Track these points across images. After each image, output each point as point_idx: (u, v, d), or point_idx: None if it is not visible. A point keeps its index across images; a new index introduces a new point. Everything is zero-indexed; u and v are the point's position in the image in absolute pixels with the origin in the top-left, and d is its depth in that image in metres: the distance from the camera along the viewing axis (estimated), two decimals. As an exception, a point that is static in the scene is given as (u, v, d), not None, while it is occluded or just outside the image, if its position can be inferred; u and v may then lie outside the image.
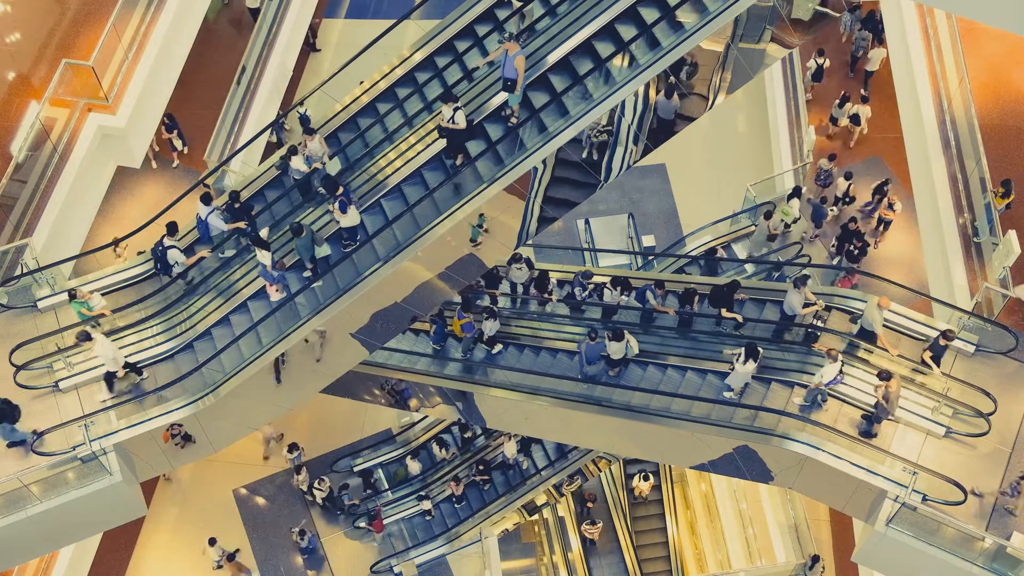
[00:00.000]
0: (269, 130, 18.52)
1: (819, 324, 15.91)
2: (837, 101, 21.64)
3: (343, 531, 21.73)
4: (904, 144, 19.75)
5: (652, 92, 14.12)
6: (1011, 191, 16.52)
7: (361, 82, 15.84)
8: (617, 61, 13.83)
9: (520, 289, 18.09)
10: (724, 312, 16.24)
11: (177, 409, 15.20)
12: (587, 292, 17.70)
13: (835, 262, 20.26)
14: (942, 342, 14.91)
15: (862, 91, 21.97)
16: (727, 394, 15.52)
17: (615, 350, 15.86)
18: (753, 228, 21.04)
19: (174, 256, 15.83)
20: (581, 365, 16.39)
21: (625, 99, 13.66)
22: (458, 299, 17.28)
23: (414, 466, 22.18)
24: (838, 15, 13.96)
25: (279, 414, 17.05)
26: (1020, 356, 15.25)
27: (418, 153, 15.04)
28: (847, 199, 20.75)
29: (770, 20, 13.55)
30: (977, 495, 14.02)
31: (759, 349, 14.94)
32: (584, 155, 14.22)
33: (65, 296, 16.33)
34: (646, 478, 22.19)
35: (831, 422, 14.99)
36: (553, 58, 14.17)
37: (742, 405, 15.44)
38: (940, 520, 13.82)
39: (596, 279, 18.00)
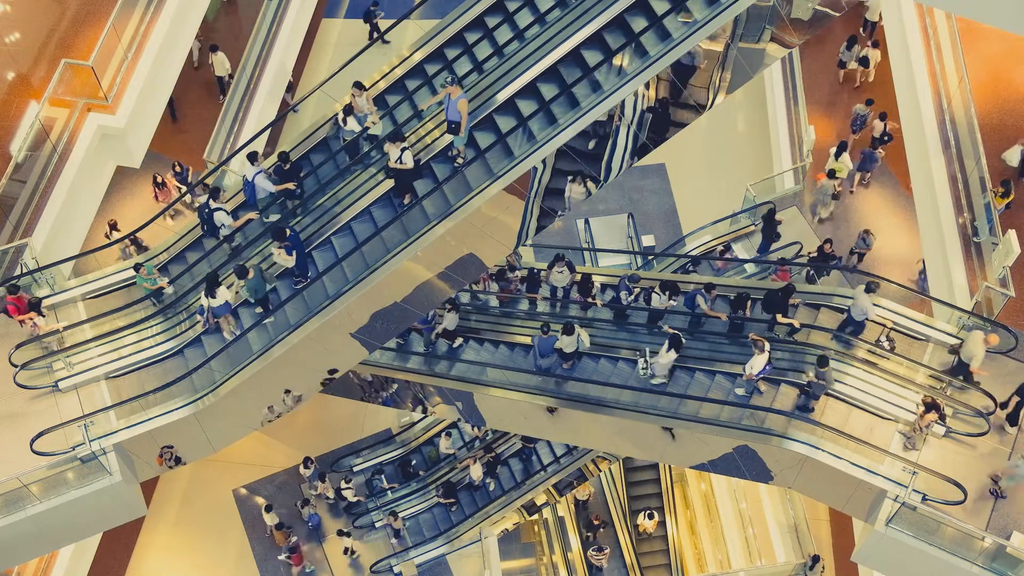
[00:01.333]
0: (268, 130, 18.51)
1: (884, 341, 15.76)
2: (845, 44, 22.02)
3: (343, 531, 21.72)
4: (904, 143, 19.75)
5: (652, 92, 14.14)
6: (1011, 191, 16.52)
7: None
8: (617, 60, 13.83)
9: (561, 293, 17.55)
10: (780, 317, 15.72)
11: (177, 409, 15.21)
12: (633, 296, 17.04)
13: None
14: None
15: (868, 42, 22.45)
16: (654, 380, 15.94)
17: (567, 344, 15.96)
18: (753, 228, 21.05)
19: (220, 218, 15.33)
20: (535, 358, 16.47)
21: (625, 99, 13.68)
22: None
23: (445, 443, 22.07)
24: (837, 15, 13.94)
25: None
26: (1020, 356, 15.25)
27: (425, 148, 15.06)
28: (885, 138, 20.83)
29: (770, 20, 13.55)
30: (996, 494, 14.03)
31: (683, 340, 15.53)
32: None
33: (64, 296, 16.37)
34: (651, 516, 22.22)
35: (832, 423, 14.99)
36: (551, 59, 14.18)
37: (742, 405, 15.45)
38: (940, 520, 13.82)
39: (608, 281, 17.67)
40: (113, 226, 20.02)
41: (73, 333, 15.96)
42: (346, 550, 20.62)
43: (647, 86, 13.93)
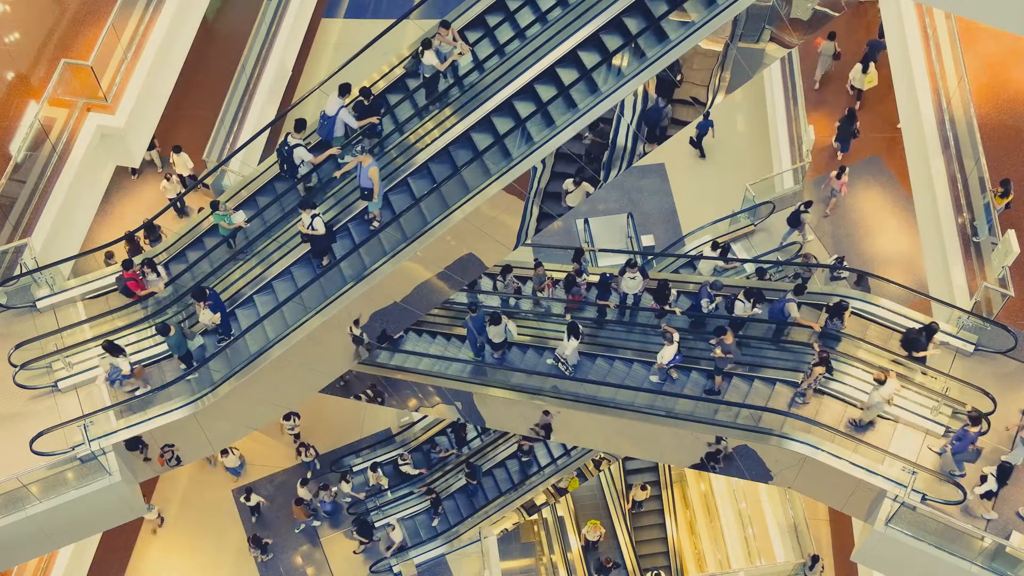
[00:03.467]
0: (268, 130, 18.51)
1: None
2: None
3: (343, 531, 21.72)
4: (903, 144, 19.75)
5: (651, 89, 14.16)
6: (1010, 191, 16.52)
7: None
8: (617, 60, 13.84)
9: (631, 300, 16.96)
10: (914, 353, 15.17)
11: (177, 409, 15.20)
12: (714, 304, 16.33)
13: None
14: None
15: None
16: (561, 366, 16.25)
17: (494, 334, 16.05)
18: (752, 228, 21.05)
19: (300, 155, 15.00)
20: (473, 341, 16.57)
21: (624, 99, 13.68)
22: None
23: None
24: (837, 15, 13.95)
25: (279, 414, 17.06)
26: (1019, 356, 15.25)
27: (426, 146, 15.06)
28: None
29: (769, 20, 13.55)
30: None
31: (580, 327, 15.86)
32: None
33: (64, 296, 16.37)
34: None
35: (830, 422, 15.00)
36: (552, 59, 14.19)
37: (741, 405, 15.46)
38: (939, 520, 13.83)
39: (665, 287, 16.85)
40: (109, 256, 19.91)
41: (73, 333, 15.96)
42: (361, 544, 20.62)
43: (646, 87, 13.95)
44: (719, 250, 19.37)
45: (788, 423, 15.09)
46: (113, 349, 14.64)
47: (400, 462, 21.86)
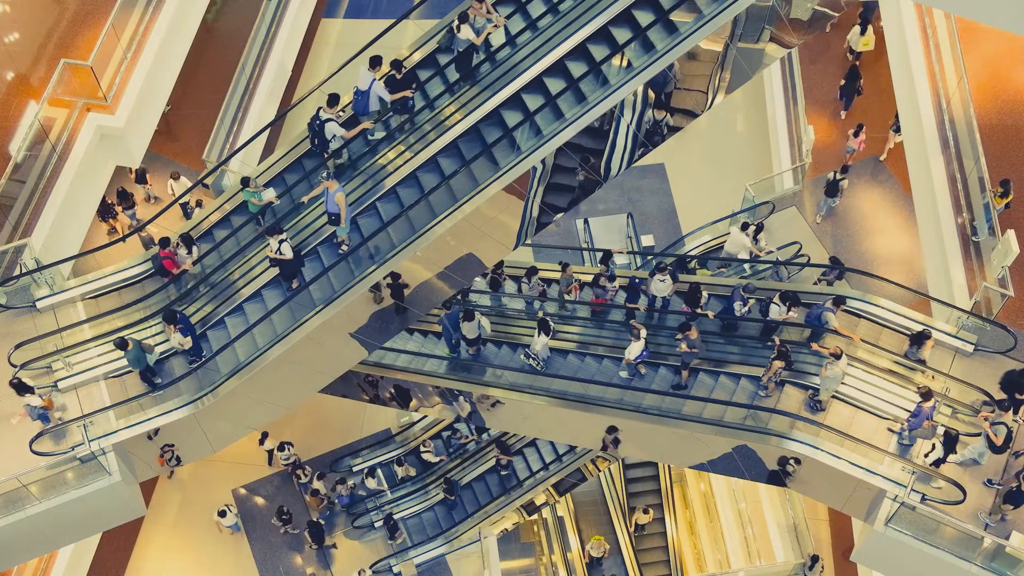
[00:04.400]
0: (267, 130, 18.52)
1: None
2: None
3: (343, 531, 21.73)
4: (903, 144, 19.76)
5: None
6: (1010, 191, 16.53)
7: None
8: (615, 61, 13.84)
9: (660, 303, 16.69)
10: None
11: (176, 409, 15.21)
12: (747, 307, 16.06)
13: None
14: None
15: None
16: (532, 362, 16.42)
17: (468, 330, 16.13)
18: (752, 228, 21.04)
19: (332, 129, 14.84)
20: (448, 337, 16.67)
21: (624, 99, 13.67)
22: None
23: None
24: (836, 15, 13.95)
25: (278, 414, 17.04)
26: (1019, 356, 15.25)
27: (416, 153, 15.06)
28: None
29: (769, 20, 13.55)
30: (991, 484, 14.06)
31: (550, 324, 16.12)
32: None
33: (64, 296, 16.36)
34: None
35: (831, 423, 15.00)
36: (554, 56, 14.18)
37: (741, 405, 15.46)
38: (939, 520, 13.83)
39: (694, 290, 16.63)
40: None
41: (72, 333, 15.96)
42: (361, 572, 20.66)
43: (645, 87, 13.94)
44: (750, 228, 19.39)
45: (789, 423, 15.09)
46: (20, 388, 14.47)
47: (422, 449, 21.88)
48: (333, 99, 14.88)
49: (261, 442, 21.59)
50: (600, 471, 22.03)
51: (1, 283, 16.08)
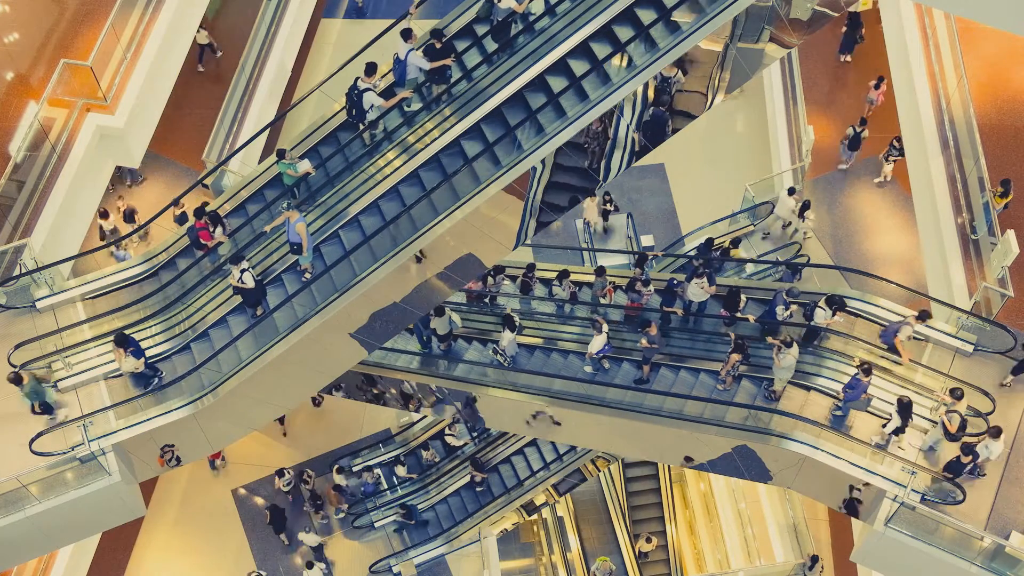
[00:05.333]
0: (267, 130, 18.52)
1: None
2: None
3: (342, 531, 21.73)
4: (903, 144, 19.76)
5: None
6: (1010, 191, 16.53)
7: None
8: (616, 60, 13.82)
9: (695, 308, 16.41)
10: None
11: (176, 409, 15.20)
12: (789, 312, 15.76)
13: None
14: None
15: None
16: (499, 358, 16.58)
17: (438, 325, 16.17)
18: (752, 228, 21.05)
19: (370, 99, 14.55)
20: (419, 333, 16.82)
21: (623, 99, 13.65)
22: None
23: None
24: (836, 15, 13.94)
25: (278, 414, 17.06)
26: (1019, 356, 15.24)
27: (417, 152, 15.04)
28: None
29: (769, 20, 13.54)
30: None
31: (515, 320, 16.29)
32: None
33: (64, 296, 16.34)
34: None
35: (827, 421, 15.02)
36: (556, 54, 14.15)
37: (740, 405, 15.46)
38: (939, 520, 13.83)
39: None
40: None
41: (72, 333, 15.95)
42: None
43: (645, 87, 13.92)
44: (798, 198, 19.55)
45: (788, 423, 15.10)
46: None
47: (447, 432, 21.92)
48: (371, 68, 14.56)
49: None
50: (600, 471, 22.04)
51: (1, 283, 16.07)
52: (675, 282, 16.67)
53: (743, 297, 16.36)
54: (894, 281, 17.45)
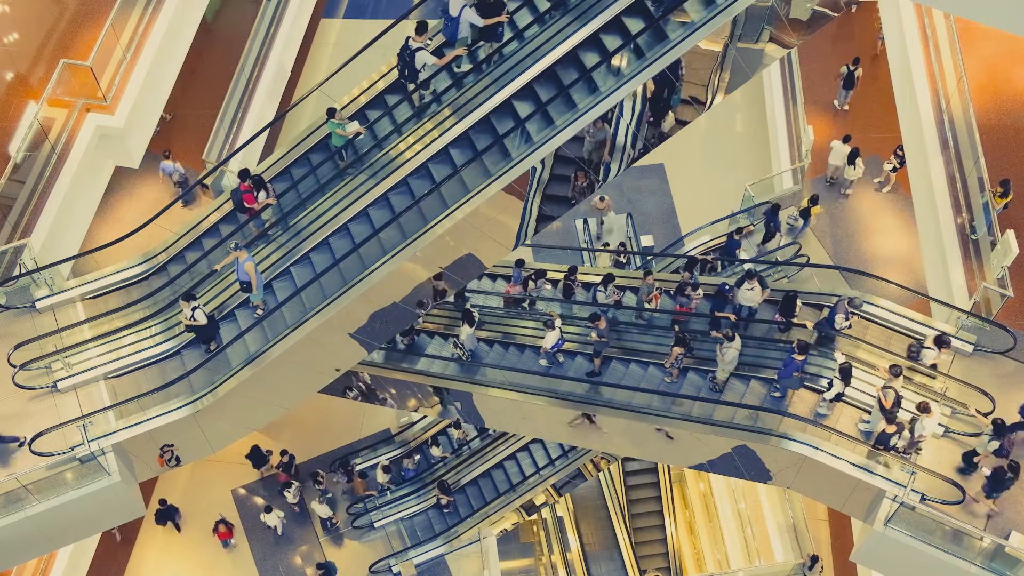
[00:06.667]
0: (267, 130, 18.52)
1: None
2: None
3: (342, 531, 21.73)
4: (902, 144, 19.77)
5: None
6: (1009, 191, 16.54)
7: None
8: (616, 60, 13.82)
9: (745, 312, 16.04)
10: None
11: (176, 409, 15.21)
12: (849, 322, 15.57)
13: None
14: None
15: None
16: (459, 352, 16.81)
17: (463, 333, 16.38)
18: (752, 228, 21.05)
19: (423, 58, 14.23)
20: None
21: (623, 100, 13.66)
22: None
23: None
24: (836, 15, 13.94)
25: (278, 414, 17.06)
26: (1018, 356, 15.26)
27: (416, 153, 15.05)
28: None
29: (768, 20, 13.54)
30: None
31: (474, 315, 16.61)
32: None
33: (63, 296, 16.36)
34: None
35: (830, 422, 15.00)
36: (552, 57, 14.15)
37: (739, 405, 15.45)
38: (938, 520, 13.83)
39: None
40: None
41: (72, 333, 15.96)
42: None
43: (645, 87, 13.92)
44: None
45: (788, 423, 15.10)
46: None
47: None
48: (421, 26, 14.30)
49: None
50: (600, 471, 22.05)
51: (1, 283, 16.08)
52: (727, 287, 16.37)
53: (798, 302, 15.90)
54: (894, 281, 17.46)
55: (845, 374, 14.53)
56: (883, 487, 14.24)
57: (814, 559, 20.60)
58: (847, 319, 15.60)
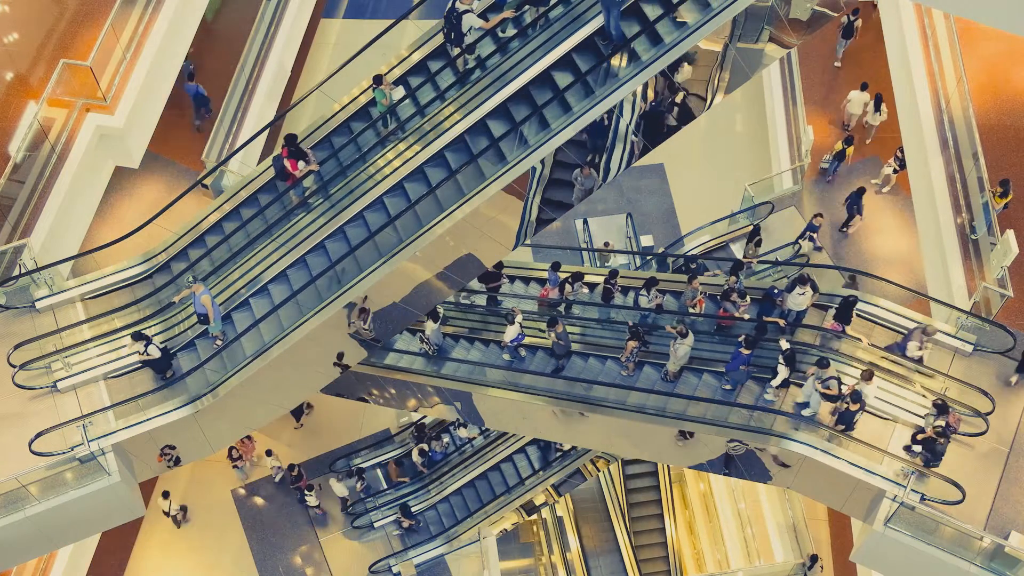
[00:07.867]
0: (267, 130, 18.51)
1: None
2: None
3: (341, 531, 21.73)
4: (902, 144, 19.76)
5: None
6: (1009, 191, 16.54)
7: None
8: (616, 60, 13.83)
9: (792, 317, 15.57)
10: None
11: (176, 409, 15.22)
12: (922, 352, 15.11)
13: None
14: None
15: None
16: (425, 346, 17.00)
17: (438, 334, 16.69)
18: (751, 226, 21.05)
19: (470, 21, 13.89)
20: None
21: (623, 100, 13.66)
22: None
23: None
24: (836, 15, 13.95)
25: (278, 414, 17.09)
26: (1018, 356, 15.25)
27: (412, 157, 15.07)
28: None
29: (768, 20, 13.54)
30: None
31: (441, 312, 16.86)
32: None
33: (63, 296, 16.37)
34: None
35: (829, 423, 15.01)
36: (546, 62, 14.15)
37: (739, 405, 15.46)
38: (938, 520, 13.84)
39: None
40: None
41: (72, 333, 15.97)
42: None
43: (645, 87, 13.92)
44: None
45: (787, 423, 15.12)
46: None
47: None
48: None
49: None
50: (600, 471, 22.05)
51: (1, 283, 16.08)
52: (775, 291, 15.94)
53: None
54: (894, 281, 17.46)
55: (790, 360, 14.73)
56: (883, 487, 14.24)
57: (814, 559, 20.60)
58: (920, 347, 15.04)
